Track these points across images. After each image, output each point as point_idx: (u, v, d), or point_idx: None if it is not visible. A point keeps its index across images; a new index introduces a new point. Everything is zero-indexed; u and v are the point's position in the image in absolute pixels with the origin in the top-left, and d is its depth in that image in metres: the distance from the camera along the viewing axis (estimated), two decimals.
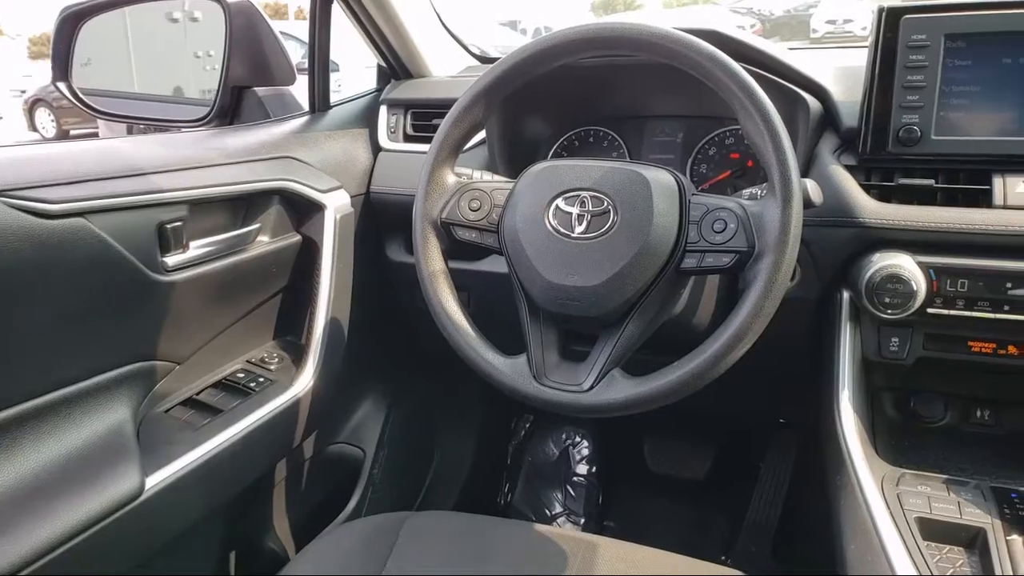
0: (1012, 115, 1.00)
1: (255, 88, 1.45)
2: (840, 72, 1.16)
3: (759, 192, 0.95)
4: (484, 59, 1.76)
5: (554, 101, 1.37)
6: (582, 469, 1.94)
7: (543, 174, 0.96)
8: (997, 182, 1.01)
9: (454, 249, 1.01)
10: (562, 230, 0.91)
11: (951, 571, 0.86)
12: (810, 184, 0.88)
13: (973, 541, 0.89)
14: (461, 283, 1.02)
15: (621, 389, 0.88)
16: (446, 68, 1.64)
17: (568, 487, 1.92)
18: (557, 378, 0.92)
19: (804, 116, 1.13)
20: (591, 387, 0.89)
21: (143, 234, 1.00)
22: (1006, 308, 1.00)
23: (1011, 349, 1.04)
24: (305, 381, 1.29)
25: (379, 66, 1.62)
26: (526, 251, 0.92)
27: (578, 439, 1.97)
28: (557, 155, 1.43)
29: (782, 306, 0.84)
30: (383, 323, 1.61)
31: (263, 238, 1.26)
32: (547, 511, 1.90)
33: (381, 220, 1.49)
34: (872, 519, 0.91)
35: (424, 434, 1.86)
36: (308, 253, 1.34)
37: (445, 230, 1.00)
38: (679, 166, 1.35)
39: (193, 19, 1.52)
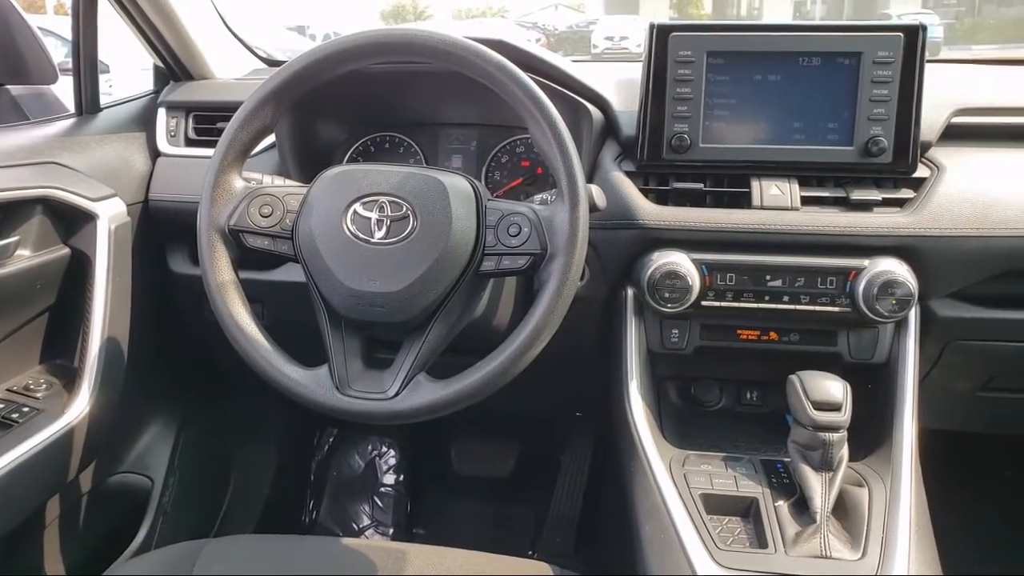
0: (764, 126, 1.13)
1: (8, 87, 1.30)
2: (619, 84, 1.24)
3: (549, 197, 1.00)
4: (271, 62, 1.70)
5: (348, 106, 1.35)
6: (389, 479, 1.92)
7: (339, 178, 0.94)
8: (755, 185, 1.13)
9: (245, 258, 0.96)
10: (361, 235, 0.90)
11: (731, 540, 0.95)
12: (595, 189, 0.93)
13: (748, 510, 0.99)
14: (254, 294, 0.97)
15: (427, 393, 0.88)
16: (230, 70, 1.57)
17: (376, 498, 1.89)
18: (361, 387, 0.90)
19: (588, 125, 1.20)
20: (397, 394, 0.88)
21: None
22: (767, 298, 1.12)
23: (772, 335, 1.17)
24: (79, 408, 1.17)
25: (156, 67, 1.52)
26: (324, 258, 0.90)
27: (384, 449, 1.95)
28: (352, 160, 1.41)
29: (574, 304, 0.88)
30: (169, 340, 1.51)
31: (24, 252, 1.14)
32: (355, 525, 1.86)
33: (162, 229, 1.39)
34: (663, 499, 0.99)
35: (219, 455, 1.75)
36: (79, 267, 1.22)
37: (234, 238, 0.95)
38: (474, 173, 1.38)
39: None
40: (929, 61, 1.10)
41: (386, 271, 0.89)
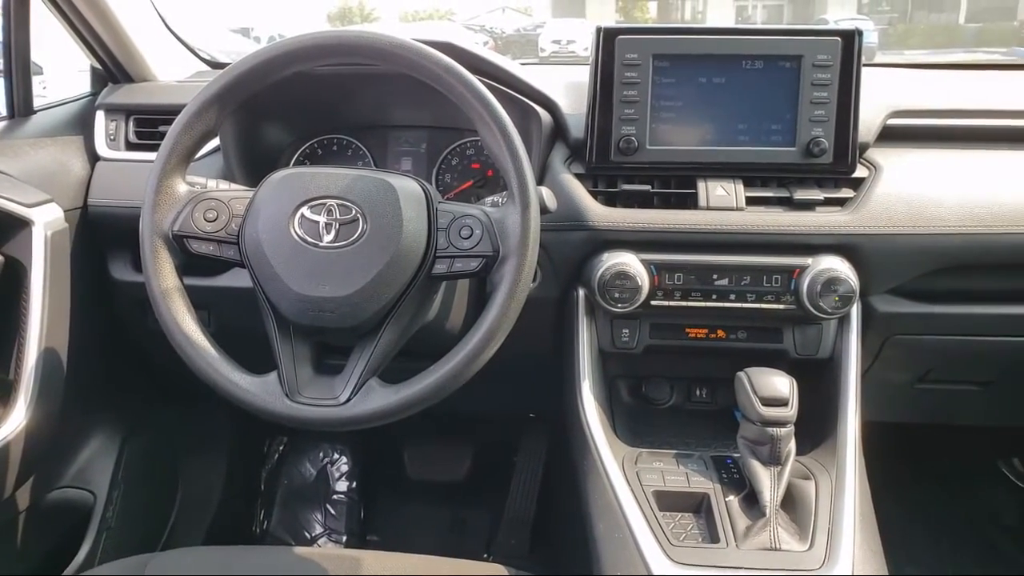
0: (710, 127, 1.15)
1: None
2: (567, 87, 1.25)
3: (500, 200, 1.00)
4: (215, 64, 1.67)
5: (295, 108, 1.33)
6: (342, 486, 1.90)
7: (286, 182, 0.92)
8: (701, 186, 1.15)
9: (189, 264, 0.94)
10: (310, 239, 0.89)
11: (683, 535, 0.96)
12: (545, 191, 0.94)
13: (699, 505, 1.01)
14: (199, 301, 0.95)
15: (379, 398, 0.87)
16: (171, 72, 1.53)
17: (328, 506, 1.87)
18: (312, 394, 0.89)
19: (537, 128, 1.21)
20: (348, 400, 0.88)
21: None
22: (714, 297, 1.14)
23: (720, 333, 1.19)
24: (15, 421, 1.13)
25: (93, 68, 1.47)
26: (271, 262, 0.88)
27: (336, 456, 1.93)
28: (299, 163, 1.39)
29: (526, 306, 0.89)
30: (111, 349, 1.46)
31: None
32: (307, 533, 1.83)
33: (102, 236, 1.35)
34: (616, 497, 1.00)
35: (166, 467, 1.71)
36: (13, 275, 1.17)
37: (178, 243, 0.93)
38: (424, 175, 1.37)
39: None
40: (865, 65, 1.13)
41: (335, 275, 0.88)
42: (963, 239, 1.13)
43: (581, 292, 1.19)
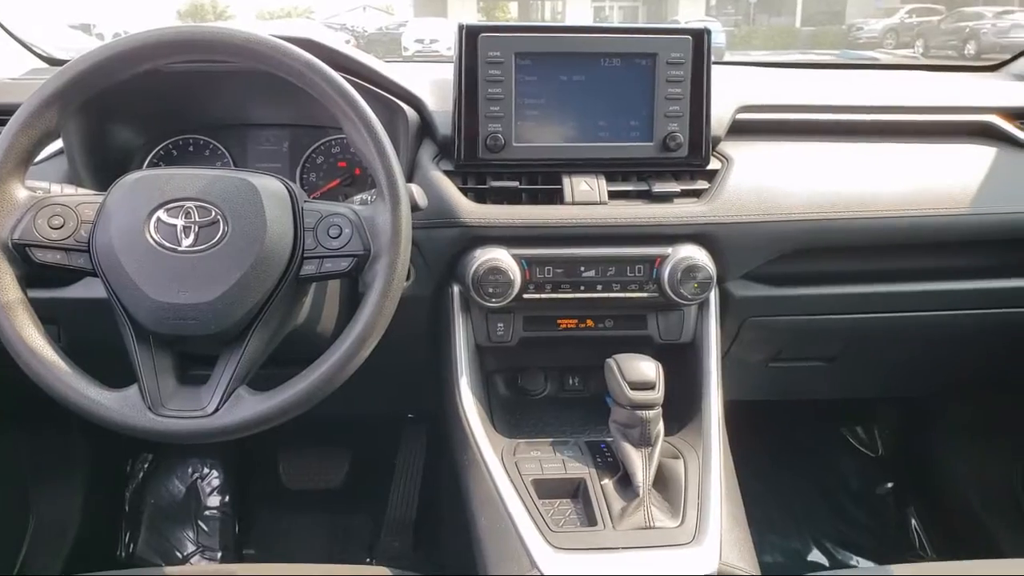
0: (572, 124, 1.18)
1: None
2: (433, 84, 1.25)
3: (369, 198, 0.99)
4: (53, 61, 1.56)
5: (146, 107, 1.26)
6: (214, 501, 1.83)
7: (139, 184, 0.88)
8: (566, 182, 1.18)
9: (34, 275, 0.88)
10: (167, 244, 0.85)
11: (563, 521, 0.98)
12: (415, 189, 0.94)
13: (577, 491, 1.04)
14: (47, 315, 0.89)
15: (249, 407, 0.85)
16: (3, 70, 1.41)
17: (200, 522, 1.79)
18: (176, 406, 0.85)
19: (404, 125, 1.20)
20: (216, 410, 0.85)
21: None
22: (582, 288, 1.17)
23: (589, 323, 1.23)
24: None
25: None
26: (126, 270, 0.84)
27: (207, 470, 1.85)
28: (153, 165, 1.32)
29: (401, 305, 0.88)
30: None
31: None
32: (178, 553, 1.75)
33: None
34: (496, 489, 1.01)
35: (15, 493, 1.58)
36: None
37: (19, 253, 0.86)
38: (288, 175, 1.33)
39: None
40: (715, 63, 1.20)
41: (196, 281, 0.84)
42: (807, 225, 1.21)
43: (455, 289, 1.20)
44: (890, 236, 1.26)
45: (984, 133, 1.35)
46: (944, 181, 1.27)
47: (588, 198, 1.17)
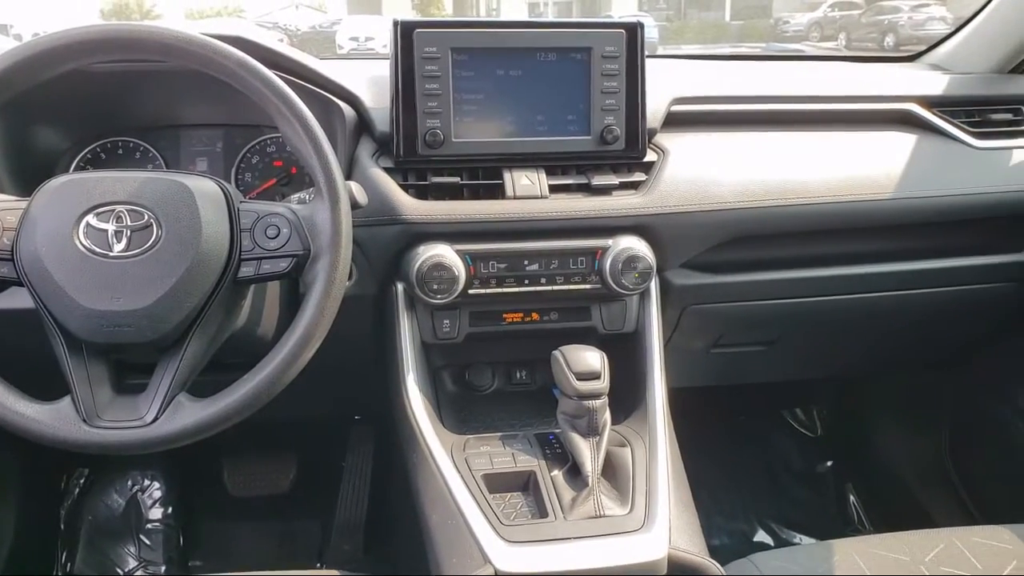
0: (511, 119, 1.18)
1: None
2: (369, 81, 1.24)
3: (307, 197, 0.97)
4: None
5: (71, 108, 1.21)
6: (156, 513, 1.78)
7: (65, 189, 0.85)
8: (507, 177, 1.18)
9: None
10: (98, 250, 0.82)
11: (514, 514, 0.99)
12: (354, 186, 0.93)
13: (527, 483, 1.04)
14: None
15: (190, 414, 0.83)
16: None
17: (142, 536, 1.74)
18: (113, 416, 0.83)
19: (341, 122, 1.19)
20: (155, 419, 0.83)
21: None
22: (526, 282, 1.18)
23: (534, 316, 1.23)
24: None
25: None
26: (54, 278, 0.81)
27: (147, 482, 1.80)
28: (80, 169, 1.27)
29: (344, 304, 0.87)
30: None
31: None
32: (119, 569, 1.69)
33: None
34: (447, 485, 1.01)
35: None
36: None
37: None
38: (222, 175, 1.30)
39: None
40: (648, 57, 1.21)
41: (130, 287, 0.82)
42: (741, 214, 1.24)
43: (399, 287, 1.19)
44: (820, 222, 1.30)
45: (904, 120, 1.40)
46: (869, 167, 1.32)
47: (529, 192, 1.18)
